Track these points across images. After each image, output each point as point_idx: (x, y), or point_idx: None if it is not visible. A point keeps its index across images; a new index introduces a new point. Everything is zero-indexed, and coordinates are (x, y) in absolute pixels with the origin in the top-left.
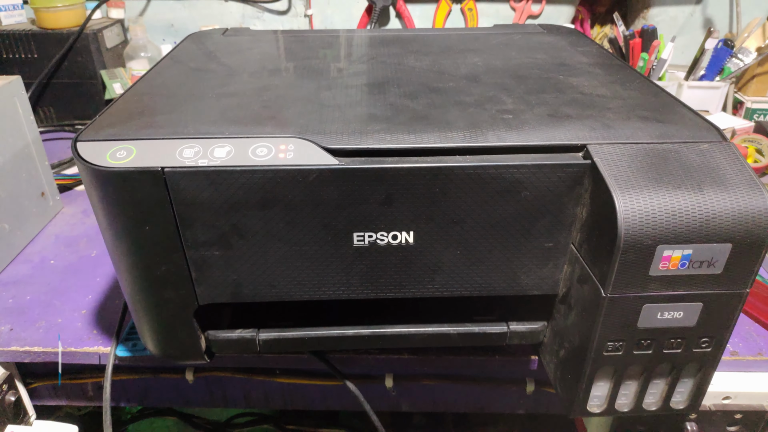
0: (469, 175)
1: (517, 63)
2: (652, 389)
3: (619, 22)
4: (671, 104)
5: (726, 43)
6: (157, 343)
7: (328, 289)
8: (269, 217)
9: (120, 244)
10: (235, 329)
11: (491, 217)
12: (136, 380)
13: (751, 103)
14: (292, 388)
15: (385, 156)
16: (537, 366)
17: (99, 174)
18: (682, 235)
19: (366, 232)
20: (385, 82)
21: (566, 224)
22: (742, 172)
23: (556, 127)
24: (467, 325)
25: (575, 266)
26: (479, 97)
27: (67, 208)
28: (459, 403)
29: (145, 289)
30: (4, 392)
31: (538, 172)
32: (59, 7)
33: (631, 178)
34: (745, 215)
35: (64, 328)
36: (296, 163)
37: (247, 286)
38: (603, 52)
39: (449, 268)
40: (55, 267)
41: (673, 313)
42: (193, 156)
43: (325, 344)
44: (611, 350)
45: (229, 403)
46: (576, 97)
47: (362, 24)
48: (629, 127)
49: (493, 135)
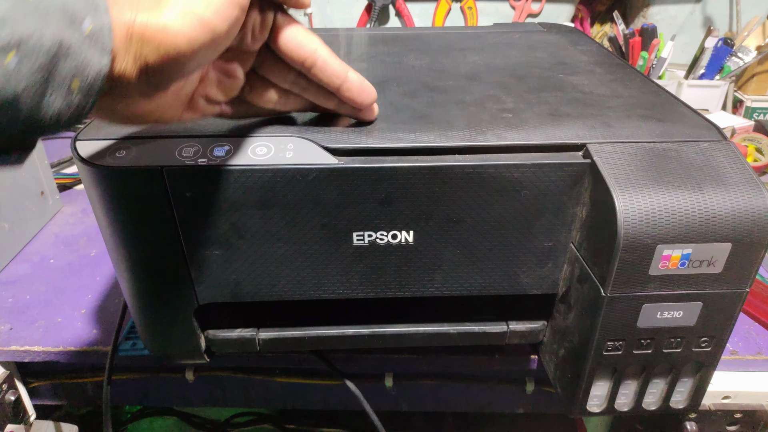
0: (469, 175)
1: (517, 62)
2: (652, 389)
3: (618, 21)
4: (671, 103)
5: (726, 41)
6: (157, 342)
7: (328, 288)
8: (269, 216)
9: (119, 244)
10: (235, 329)
11: (491, 217)
12: (136, 380)
13: (750, 101)
14: (292, 388)
15: (385, 155)
16: (537, 365)
17: (98, 173)
18: (681, 234)
19: (366, 231)
20: (385, 81)
21: (566, 223)
22: (742, 171)
23: (556, 126)
24: (467, 324)
25: (575, 266)
26: (479, 95)
27: (66, 207)
28: (459, 403)
29: (144, 288)
30: (4, 392)
31: (537, 171)
32: None
33: (631, 177)
34: (745, 214)
35: (63, 327)
36: (296, 162)
37: (247, 285)
38: (603, 50)
39: (449, 268)
40: (54, 266)
41: (672, 312)
42: (193, 155)
43: (325, 344)
44: (611, 350)
45: (228, 402)
46: (576, 96)
47: (362, 23)
48: (629, 126)
49: (493, 134)
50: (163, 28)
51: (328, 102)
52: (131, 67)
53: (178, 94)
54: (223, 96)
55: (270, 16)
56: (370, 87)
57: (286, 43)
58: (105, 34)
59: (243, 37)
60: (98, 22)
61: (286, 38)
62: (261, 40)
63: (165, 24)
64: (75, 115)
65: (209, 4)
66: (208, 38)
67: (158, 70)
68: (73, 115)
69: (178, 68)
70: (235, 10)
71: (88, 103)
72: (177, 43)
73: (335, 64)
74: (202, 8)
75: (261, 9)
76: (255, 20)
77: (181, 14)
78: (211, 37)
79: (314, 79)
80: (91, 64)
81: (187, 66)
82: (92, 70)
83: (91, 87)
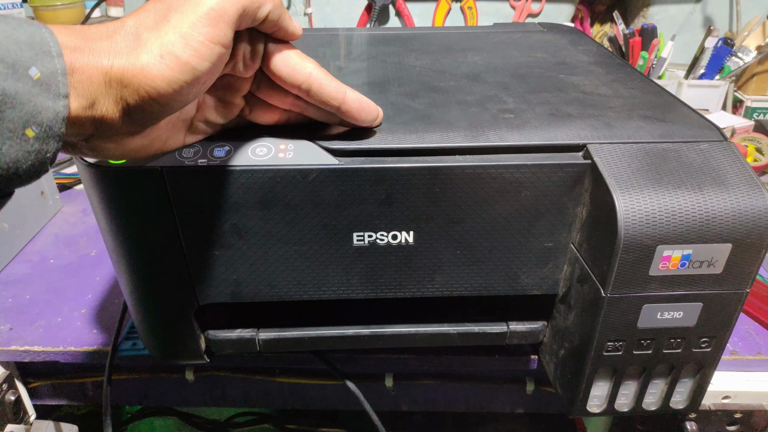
0: (469, 175)
1: (517, 62)
2: (652, 389)
3: (618, 21)
4: (671, 103)
5: (726, 41)
6: (157, 342)
7: (328, 288)
8: (269, 216)
9: (119, 244)
10: (235, 329)
11: (491, 217)
12: (136, 380)
13: (750, 101)
14: (292, 388)
15: (386, 156)
16: (537, 366)
17: (98, 173)
18: (682, 235)
19: (366, 231)
20: (386, 81)
21: (566, 224)
22: (742, 171)
23: (556, 126)
24: (467, 324)
25: (575, 266)
26: (480, 96)
27: (66, 207)
28: (459, 403)
29: (144, 288)
30: (4, 392)
31: (538, 171)
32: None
33: (631, 177)
34: (745, 215)
35: (63, 327)
36: (296, 162)
37: (247, 285)
38: (603, 50)
39: (449, 268)
40: (54, 266)
41: (672, 313)
42: (193, 155)
43: (324, 344)
44: (611, 350)
45: (228, 402)
46: (576, 96)
47: (362, 23)
48: (629, 126)
49: (495, 135)
50: (140, 71)
51: (330, 118)
52: (113, 109)
53: (175, 125)
54: (222, 119)
55: (260, 44)
56: (370, 105)
57: (279, 69)
58: (58, 78)
59: (235, 66)
60: (48, 68)
61: (279, 65)
62: (253, 68)
63: (142, 67)
64: (38, 162)
65: (187, 45)
66: (188, 77)
67: (140, 110)
68: (35, 163)
69: (160, 107)
70: (215, 48)
71: (50, 149)
72: (156, 84)
73: (331, 86)
74: (179, 49)
75: (251, 38)
76: (245, 50)
77: (158, 56)
78: (192, 76)
79: (312, 102)
80: (43, 111)
81: (170, 105)
82: (46, 116)
83: (48, 133)
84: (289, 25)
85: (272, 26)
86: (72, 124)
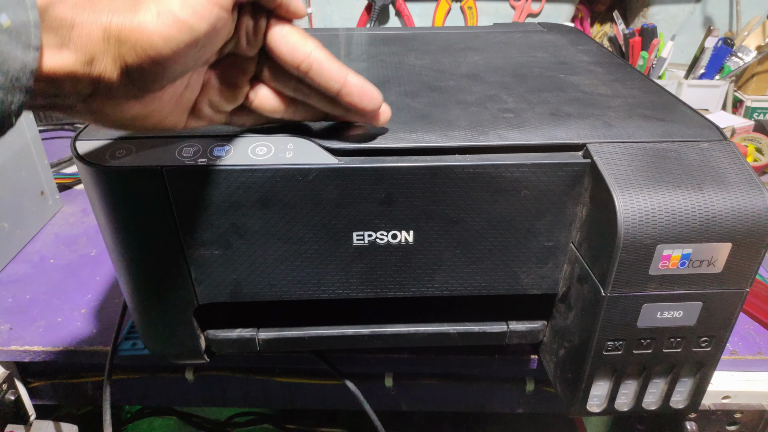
0: (469, 174)
1: (517, 62)
2: (652, 389)
3: (618, 21)
4: (671, 103)
5: (726, 41)
6: (157, 342)
7: (328, 288)
8: (269, 216)
9: (119, 244)
10: (235, 329)
11: (491, 217)
12: (135, 380)
13: (750, 101)
14: (292, 388)
15: (386, 155)
16: (537, 365)
17: (98, 173)
18: (681, 234)
19: (366, 231)
20: (386, 81)
21: (566, 223)
22: (742, 171)
23: (556, 125)
24: (467, 324)
25: (575, 265)
26: (480, 95)
27: (66, 207)
28: (459, 403)
29: (144, 288)
30: (4, 392)
31: (537, 171)
32: None
33: (631, 177)
34: (745, 214)
35: (63, 327)
36: (296, 162)
37: (247, 285)
38: (603, 50)
39: (449, 268)
40: (54, 266)
41: (672, 312)
42: (193, 155)
43: (324, 344)
44: (611, 350)
45: (228, 402)
46: (576, 95)
47: (362, 22)
48: (629, 126)
49: (495, 134)
50: (137, 28)
51: (334, 109)
52: (111, 67)
53: (177, 101)
54: (227, 104)
55: (263, 20)
56: (373, 90)
57: (280, 47)
58: (30, 30)
59: (238, 42)
60: (19, 18)
61: (280, 42)
62: (256, 45)
63: (139, 23)
64: (1, 113)
65: (185, 4)
66: (186, 38)
67: (139, 70)
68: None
69: (160, 69)
70: (214, 9)
71: (15, 102)
72: (153, 42)
73: (333, 67)
74: (177, 7)
75: (253, 13)
76: (248, 24)
77: (156, 14)
78: (190, 37)
79: (312, 84)
80: (10, 60)
81: (170, 67)
82: (13, 65)
83: (14, 83)
84: (291, 2)
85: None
86: (70, 80)
